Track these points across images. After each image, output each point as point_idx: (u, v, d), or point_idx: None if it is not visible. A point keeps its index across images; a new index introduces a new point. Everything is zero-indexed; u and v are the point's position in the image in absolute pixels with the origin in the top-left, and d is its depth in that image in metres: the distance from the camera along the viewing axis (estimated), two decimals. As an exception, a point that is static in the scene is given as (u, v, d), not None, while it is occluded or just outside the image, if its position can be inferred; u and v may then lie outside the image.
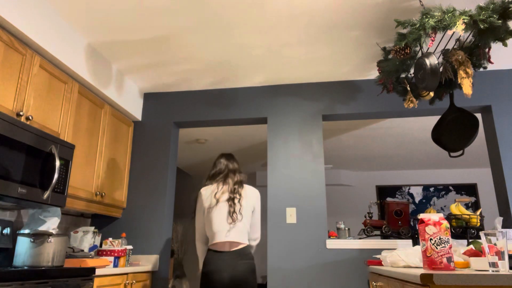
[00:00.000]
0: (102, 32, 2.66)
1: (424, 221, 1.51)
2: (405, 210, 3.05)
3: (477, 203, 6.24)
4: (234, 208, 2.35)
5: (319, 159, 3.18)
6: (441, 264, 1.43)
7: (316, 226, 3.02)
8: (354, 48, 2.83)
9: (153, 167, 3.39)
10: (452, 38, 2.45)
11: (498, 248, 1.29)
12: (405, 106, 2.52)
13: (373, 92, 3.26)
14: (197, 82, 3.39)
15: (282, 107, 3.36)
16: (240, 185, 2.46)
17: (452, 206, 2.67)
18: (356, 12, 2.42)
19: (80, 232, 2.85)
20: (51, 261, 2.13)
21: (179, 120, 3.49)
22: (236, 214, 2.34)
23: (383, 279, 1.95)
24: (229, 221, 2.34)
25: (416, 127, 4.39)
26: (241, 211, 2.37)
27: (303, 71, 3.18)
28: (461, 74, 2.06)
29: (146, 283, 3.00)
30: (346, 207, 6.63)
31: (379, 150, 5.36)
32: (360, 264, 2.89)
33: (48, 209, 2.38)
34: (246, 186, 2.50)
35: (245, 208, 2.40)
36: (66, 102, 2.59)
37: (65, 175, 2.38)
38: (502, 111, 3.03)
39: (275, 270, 2.98)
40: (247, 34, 2.66)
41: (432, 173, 6.54)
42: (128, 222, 3.27)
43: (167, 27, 2.58)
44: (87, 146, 2.81)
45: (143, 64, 3.08)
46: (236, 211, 2.35)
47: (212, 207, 2.39)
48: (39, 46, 2.29)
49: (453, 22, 1.93)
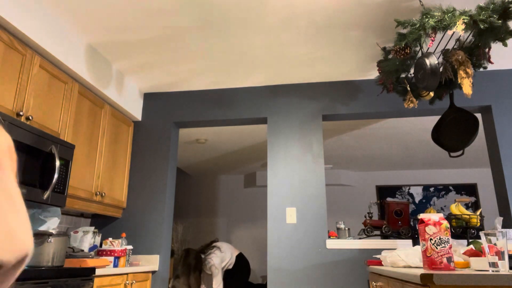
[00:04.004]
0: (102, 32, 2.66)
1: (424, 221, 1.51)
2: (405, 210, 3.05)
3: (477, 203, 6.24)
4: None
5: (319, 159, 3.18)
6: (441, 264, 1.43)
7: (316, 226, 3.02)
8: (354, 48, 2.83)
9: (153, 167, 3.39)
10: (452, 38, 2.45)
11: (498, 248, 1.29)
12: (405, 106, 2.52)
13: (373, 92, 3.26)
14: (197, 82, 3.39)
15: (282, 107, 3.36)
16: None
17: (452, 206, 2.67)
18: (356, 12, 2.42)
19: (80, 232, 2.84)
20: (51, 261, 2.13)
21: (179, 120, 3.49)
22: None
23: (383, 279, 1.95)
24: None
25: (416, 127, 4.39)
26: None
27: (303, 71, 3.18)
28: (461, 74, 2.06)
29: (146, 283, 3.00)
30: (346, 207, 6.63)
31: (379, 150, 5.36)
32: (360, 264, 2.89)
33: (48, 209, 2.38)
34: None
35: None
36: (66, 102, 2.59)
37: (65, 175, 2.38)
38: (502, 111, 3.03)
39: (275, 270, 2.98)
40: (247, 34, 2.66)
41: (432, 173, 6.54)
42: (128, 222, 3.27)
43: (167, 27, 2.58)
44: (87, 146, 2.81)
45: (143, 64, 3.08)
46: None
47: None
48: (39, 46, 2.29)
49: (453, 22, 1.93)
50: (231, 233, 6.62)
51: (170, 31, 2.62)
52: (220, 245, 4.50)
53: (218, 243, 4.55)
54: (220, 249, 4.42)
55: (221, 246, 4.46)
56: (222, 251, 4.43)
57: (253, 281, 6.20)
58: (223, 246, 4.50)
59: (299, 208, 3.08)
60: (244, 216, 6.67)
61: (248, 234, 6.56)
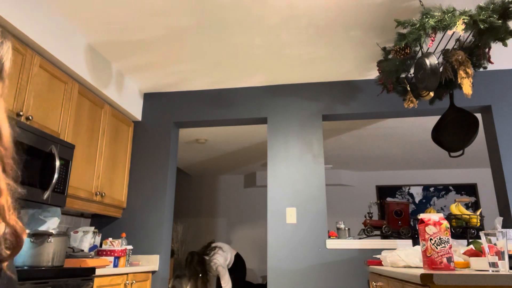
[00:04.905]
0: (102, 32, 2.65)
1: (424, 221, 1.51)
2: (405, 210, 3.05)
3: (477, 203, 6.24)
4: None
5: (319, 159, 3.18)
6: (441, 264, 1.43)
7: (316, 226, 3.02)
8: (354, 48, 2.83)
9: (153, 167, 3.39)
10: (452, 38, 2.45)
11: (498, 248, 1.29)
12: (405, 106, 2.52)
13: (373, 92, 3.26)
14: (197, 82, 3.39)
15: (282, 107, 3.36)
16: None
17: (452, 206, 2.67)
18: (356, 12, 2.42)
19: (80, 232, 2.84)
20: (51, 261, 2.12)
21: (179, 120, 3.49)
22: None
23: (383, 279, 1.95)
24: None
25: (416, 127, 4.39)
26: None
27: (303, 71, 3.18)
28: (461, 74, 2.06)
29: (146, 283, 3.00)
30: (346, 207, 6.63)
31: (379, 150, 5.36)
32: (360, 264, 2.89)
33: (48, 209, 2.38)
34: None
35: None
36: (66, 102, 2.59)
37: (65, 175, 2.38)
38: (502, 111, 3.03)
39: (275, 270, 2.98)
40: (247, 34, 2.66)
41: (432, 173, 6.53)
42: (128, 222, 3.27)
43: (167, 27, 2.58)
44: (87, 146, 2.81)
45: (143, 64, 3.08)
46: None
47: None
48: (39, 46, 2.29)
49: (453, 22, 1.93)
50: (231, 233, 6.62)
51: (170, 31, 2.62)
52: (222, 245, 4.55)
53: (219, 244, 4.59)
54: (222, 249, 4.49)
55: (222, 246, 4.53)
56: (224, 250, 4.50)
57: (253, 281, 6.20)
58: (224, 246, 4.57)
59: (299, 208, 3.08)
60: (244, 216, 6.67)
61: (248, 234, 6.56)
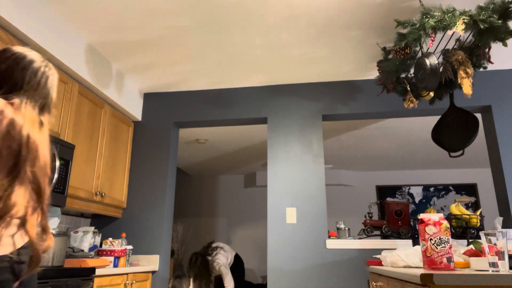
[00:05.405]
0: (102, 32, 2.65)
1: (424, 221, 1.51)
2: (405, 210, 3.05)
3: (477, 203, 6.24)
4: None
5: (319, 159, 3.18)
6: (441, 264, 1.43)
7: (316, 226, 3.02)
8: (354, 48, 2.83)
9: (153, 167, 3.39)
10: (452, 38, 2.45)
11: (498, 248, 1.29)
12: (405, 106, 2.52)
13: (373, 92, 3.26)
14: (197, 82, 3.39)
15: (282, 107, 3.36)
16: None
17: (452, 206, 2.66)
18: (356, 12, 2.42)
19: (80, 232, 2.84)
20: (51, 261, 2.13)
21: (179, 120, 3.49)
22: None
23: (383, 279, 1.95)
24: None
25: (416, 127, 4.39)
26: None
27: (303, 71, 3.18)
28: (461, 74, 2.06)
29: (146, 283, 3.00)
30: (346, 207, 6.63)
31: (379, 150, 5.36)
32: (360, 264, 2.89)
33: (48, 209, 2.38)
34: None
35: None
36: (66, 102, 2.59)
37: (65, 175, 2.38)
38: (502, 111, 3.03)
39: (275, 270, 2.98)
40: (247, 34, 2.66)
41: (432, 173, 6.53)
42: (128, 222, 3.27)
43: (167, 27, 2.58)
44: (87, 146, 2.81)
45: (143, 64, 3.08)
46: None
47: None
48: (39, 46, 2.29)
49: (453, 22, 1.93)
50: (231, 233, 6.62)
51: (170, 31, 2.62)
52: (222, 245, 4.59)
53: (220, 244, 4.61)
54: (224, 249, 4.53)
55: (223, 247, 4.57)
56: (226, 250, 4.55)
57: (253, 281, 6.20)
58: (225, 247, 4.61)
59: (299, 208, 3.08)
60: (244, 216, 6.67)
61: (248, 234, 6.56)
